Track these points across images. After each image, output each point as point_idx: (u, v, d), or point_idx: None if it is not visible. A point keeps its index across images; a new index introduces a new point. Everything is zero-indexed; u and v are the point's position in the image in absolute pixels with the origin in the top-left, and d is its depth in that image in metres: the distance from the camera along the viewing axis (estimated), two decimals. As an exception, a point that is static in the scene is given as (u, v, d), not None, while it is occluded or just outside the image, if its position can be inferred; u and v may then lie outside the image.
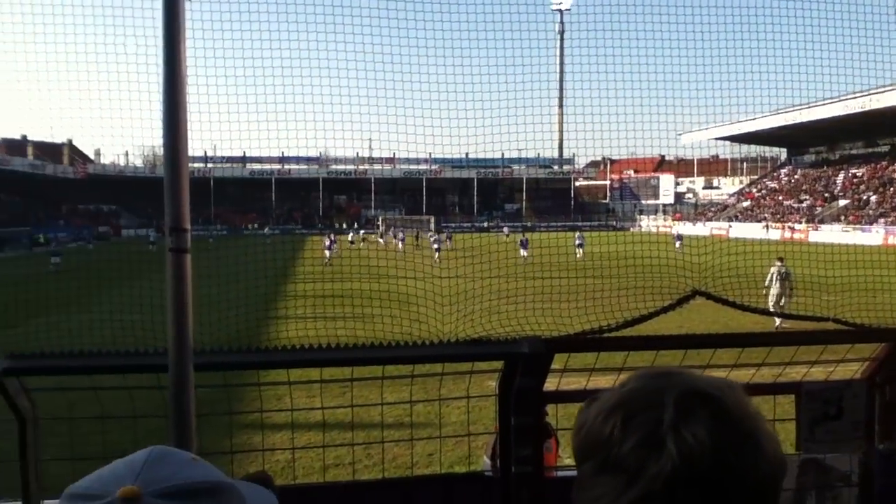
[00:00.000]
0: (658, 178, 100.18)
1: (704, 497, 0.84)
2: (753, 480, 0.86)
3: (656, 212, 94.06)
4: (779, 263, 18.60)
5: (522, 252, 31.36)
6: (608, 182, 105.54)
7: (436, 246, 36.95)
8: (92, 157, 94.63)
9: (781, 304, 17.67)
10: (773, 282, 18.40)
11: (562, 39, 79.10)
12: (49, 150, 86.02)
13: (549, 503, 2.96)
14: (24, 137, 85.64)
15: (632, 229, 73.78)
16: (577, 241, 35.18)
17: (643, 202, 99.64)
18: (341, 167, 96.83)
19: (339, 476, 6.66)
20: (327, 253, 33.26)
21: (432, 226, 71.71)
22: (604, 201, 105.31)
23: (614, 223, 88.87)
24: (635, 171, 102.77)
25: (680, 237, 25.80)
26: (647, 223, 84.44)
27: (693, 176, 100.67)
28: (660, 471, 0.84)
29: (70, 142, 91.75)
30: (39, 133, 76.24)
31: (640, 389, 0.93)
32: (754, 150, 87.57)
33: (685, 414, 0.87)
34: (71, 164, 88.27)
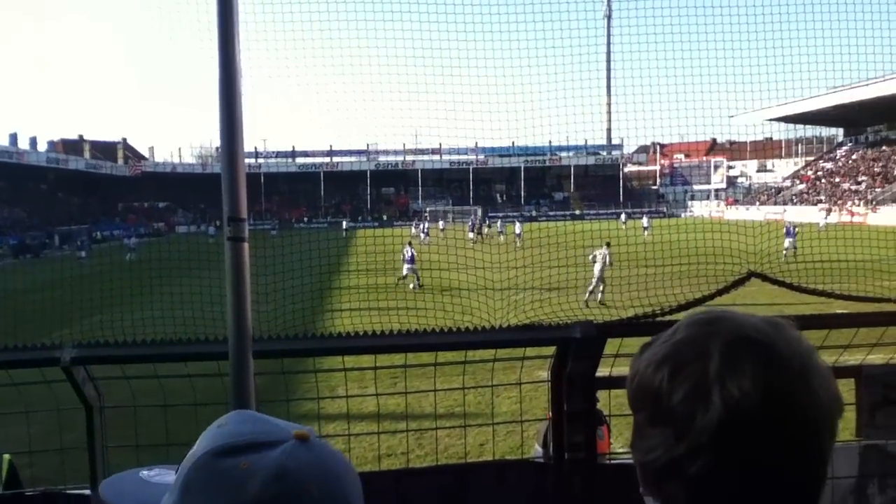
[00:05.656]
0: (709, 162, 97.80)
1: (752, 449, 0.84)
2: (804, 425, 0.85)
3: (708, 197, 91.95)
4: (605, 248, 19.40)
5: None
6: (658, 167, 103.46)
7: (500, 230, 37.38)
8: (146, 154, 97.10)
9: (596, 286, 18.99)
10: (597, 263, 19.43)
11: (609, 23, 77.67)
12: (104, 149, 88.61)
13: (602, 490, 2.97)
14: (81, 137, 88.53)
15: (683, 215, 72.31)
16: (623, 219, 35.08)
17: (694, 187, 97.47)
18: (389, 159, 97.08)
19: (392, 465, 6.73)
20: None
21: (479, 216, 71.40)
22: (654, 187, 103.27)
23: (665, 209, 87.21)
24: (686, 156, 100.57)
25: (791, 231, 24.98)
26: (699, 209, 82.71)
27: (746, 159, 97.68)
28: (706, 424, 0.84)
29: (124, 140, 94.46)
30: (95, 132, 78.61)
31: (688, 339, 0.92)
32: (810, 130, 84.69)
33: (731, 364, 0.86)
34: (125, 163, 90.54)
